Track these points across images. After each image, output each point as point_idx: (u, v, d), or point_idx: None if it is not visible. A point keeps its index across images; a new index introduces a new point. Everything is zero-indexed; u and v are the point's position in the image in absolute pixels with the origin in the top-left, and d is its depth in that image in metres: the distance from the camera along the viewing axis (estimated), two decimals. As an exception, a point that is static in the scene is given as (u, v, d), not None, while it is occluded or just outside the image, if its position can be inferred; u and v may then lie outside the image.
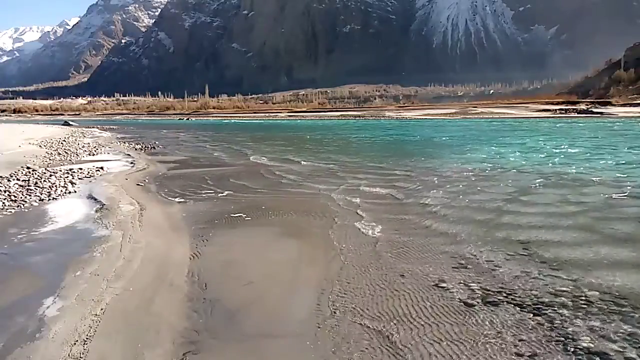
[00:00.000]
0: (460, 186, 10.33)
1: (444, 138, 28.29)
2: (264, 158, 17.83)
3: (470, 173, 12.43)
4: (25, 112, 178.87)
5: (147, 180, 12.06)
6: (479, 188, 10.05)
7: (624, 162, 14.14)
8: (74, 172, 12.71)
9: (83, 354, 3.49)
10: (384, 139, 29.28)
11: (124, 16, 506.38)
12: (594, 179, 10.91)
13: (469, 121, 57.31)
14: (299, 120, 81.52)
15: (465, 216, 7.54)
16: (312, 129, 48.11)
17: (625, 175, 11.29)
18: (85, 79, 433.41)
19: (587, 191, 9.43)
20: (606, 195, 8.89)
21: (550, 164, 13.96)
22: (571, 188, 9.81)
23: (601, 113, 60.74)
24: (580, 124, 40.46)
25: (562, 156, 16.24)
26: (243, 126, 61.33)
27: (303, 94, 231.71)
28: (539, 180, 10.97)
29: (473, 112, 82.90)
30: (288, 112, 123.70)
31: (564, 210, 7.81)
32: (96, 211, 8.18)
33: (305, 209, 8.41)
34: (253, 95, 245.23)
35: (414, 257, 5.59)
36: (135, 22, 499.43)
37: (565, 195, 9.03)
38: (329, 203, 8.84)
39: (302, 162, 16.15)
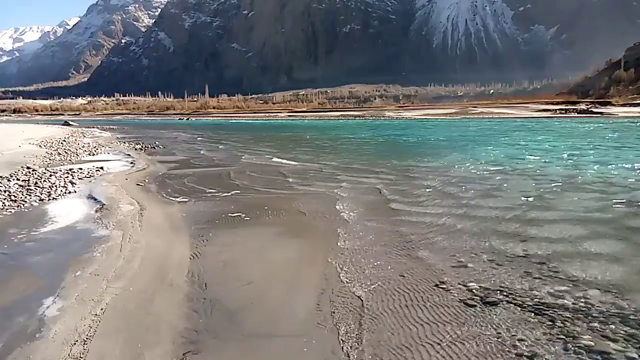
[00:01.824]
0: (460, 186, 10.32)
1: (442, 138, 28.29)
2: (266, 160, 17.84)
3: (470, 173, 12.43)
4: (25, 112, 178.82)
5: (147, 180, 12.06)
6: (478, 189, 10.05)
7: (627, 162, 14.13)
8: (74, 172, 12.72)
9: (83, 354, 3.49)
10: (388, 139, 29.29)
11: (124, 16, 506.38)
12: (596, 179, 10.90)
13: (468, 121, 57.32)
14: (298, 120, 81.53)
15: (465, 217, 7.53)
16: (313, 129, 48.11)
17: (629, 176, 11.28)
18: (85, 79, 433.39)
19: (589, 191, 9.43)
20: (608, 196, 8.89)
21: (549, 165, 13.95)
22: (571, 188, 9.81)
23: (601, 113, 60.72)
24: (581, 124, 40.46)
25: (559, 156, 16.24)
26: (243, 126, 61.33)
27: (303, 94, 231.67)
28: (538, 181, 10.97)
29: (473, 112, 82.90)
30: (288, 112, 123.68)
31: (565, 211, 7.80)
32: (96, 211, 8.18)
33: (306, 209, 8.40)
34: (253, 95, 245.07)
35: (414, 257, 5.59)
36: (135, 22, 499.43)
37: (565, 195, 9.03)
38: (330, 203, 8.84)
39: (304, 162, 16.15)
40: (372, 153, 20.04)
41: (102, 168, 13.84)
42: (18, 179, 10.99)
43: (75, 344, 3.62)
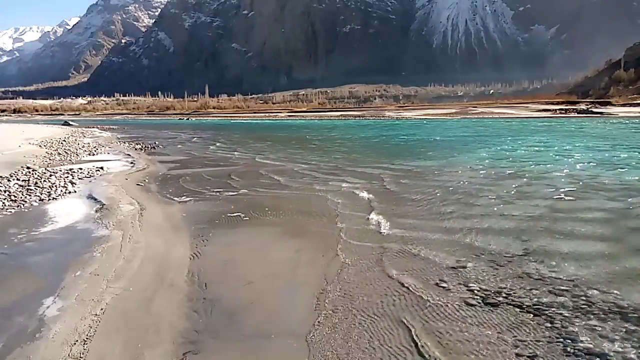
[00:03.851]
0: (461, 186, 10.33)
1: (444, 138, 28.29)
2: (266, 160, 17.85)
3: (471, 174, 12.44)
4: (25, 112, 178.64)
5: (147, 180, 12.07)
6: (478, 189, 10.05)
7: (627, 162, 14.13)
8: (74, 172, 12.72)
9: (83, 354, 3.49)
10: (390, 139, 29.28)
11: (124, 16, 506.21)
12: (595, 179, 10.90)
13: (468, 121, 57.30)
14: (299, 120, 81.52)
15: (465, 217, 7.54)
16: (313, 129, 48.10)
17: (628, 177, 11.27)
18: (85, 79, 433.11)
19: (587, 190, 9.43)
20: (609, 196, 8.89)
21: (551, 165, 13.95)
22: (570, 187, 9.81)
23: (601, 113, 60.70)
24: (580, 124, 40.45)
25: (554, 155, 16.24)
26: (243, 126, 61.32)
27: (303, 94, 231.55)
28: (536, 181, 10.98)
29: (473, 112, 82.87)
30: (288, 112, 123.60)
31: (564, 210, 7.80)
32: (96, 211, 8.18)
33: (306, 209, 8.40)
34: (253, 95, 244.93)
35: (414, 257, 5.59)
36: (135, 22, 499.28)
37: (564, 195, 9.03)
38: (330, 202, 8.84)
39: (305, 162, 16.15)
40: (376, 152, 20.03)
41: (102, 168, 13.84)
42: (18, 179, 11.00)
43: (75, 344, 3.62)
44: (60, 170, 12.93)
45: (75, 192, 10.04)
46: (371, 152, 20.38)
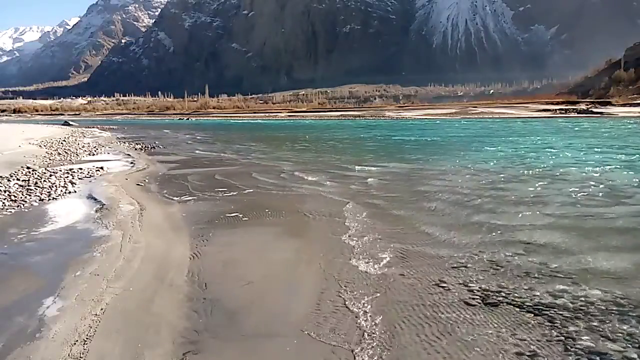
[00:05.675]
0: (462, 186, 10.33)
1: (445, 138, 28.29)
2: (265, 160, 17.85)
3: (472, 174, 12.44)
4: (25, 112, 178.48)
5: (147, 180, 12.06)
6: (478, 190, 10.05)
7: (621, 159, 14.12)
8: (74, 172, 12.72)
9: (83, 354, 3.49)
10: (391, 139, 29.27)
11: (124, 16, 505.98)
12: (598, 178, 10.90)
13: (468, 121, 57.30)
14: (299, 120, 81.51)
15: (465, 217, 7.53)
16: (313, 129, 48.10)
17: (624, 175, 11.27)
18: (85, 79, 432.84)
19: (587, 190, 9.43)
20: (607, 195, 8.88)
21: (546, 165, 13.95)
22: (569, 186, 9.81)
23: (601, 113, 60.69)
24: (580, 124, 40.46)
25: (552, 154, 16.24)
26: (243, 126, 61.32)
27: (303, 94, 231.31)
28: (537, 181, 10.98)
29: (473, 112, 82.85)
30: (288, 112, 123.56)
31: (564, 210, 7.80)
32: (96, 211, 8.18)
33: (306, 208, 8.40)
34: (253, 95, 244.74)
35: (415, 257, 5.59)
36: (135, 22, 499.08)
37: (564, 194, 9.03)
38: (329, 201, 8.83)
39: (306, 162, 16.15)
40: (379, 152, 20.04)
41: (102, 168, 13.84)
42: (18, 179, 10.99)
43: (75, 344, 3.62)
44: (60, 170, 12.93)
45: (75, 192, 10.04)
46: (375, 152, 20.37)
